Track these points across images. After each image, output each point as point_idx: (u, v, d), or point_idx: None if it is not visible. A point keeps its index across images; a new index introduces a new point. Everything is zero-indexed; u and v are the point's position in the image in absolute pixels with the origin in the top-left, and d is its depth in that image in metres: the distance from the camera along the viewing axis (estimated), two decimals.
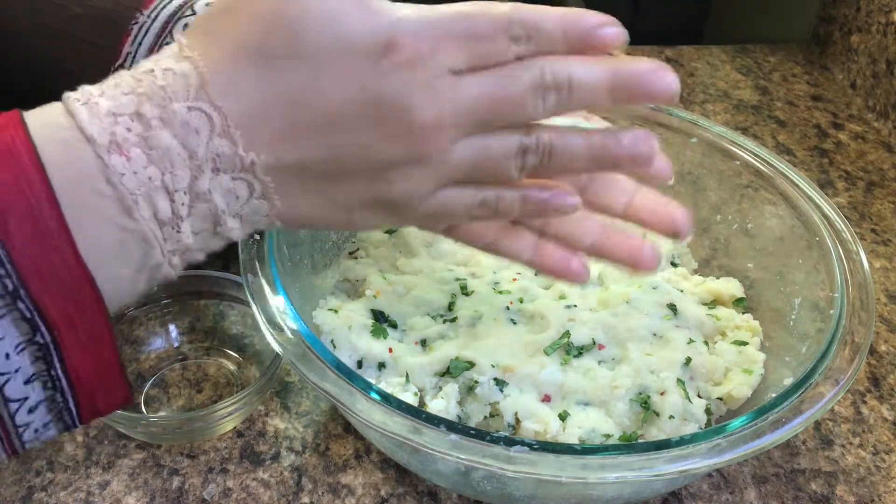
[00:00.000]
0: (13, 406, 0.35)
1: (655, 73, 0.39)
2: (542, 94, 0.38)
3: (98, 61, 0.54)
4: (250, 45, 0.36)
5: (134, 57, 0.53)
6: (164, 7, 0.54)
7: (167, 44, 0.53)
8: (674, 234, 0.46)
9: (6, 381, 0.35)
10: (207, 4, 0.52)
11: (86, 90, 0.36)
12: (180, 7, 0.54)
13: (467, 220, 0.43)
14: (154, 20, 0.53)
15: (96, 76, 0.52)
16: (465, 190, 0.41)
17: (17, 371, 0.35)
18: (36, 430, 0.37)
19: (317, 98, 0.36)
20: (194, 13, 0.54)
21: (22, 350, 0.34)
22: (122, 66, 0.53)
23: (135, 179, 0.35)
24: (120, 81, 0.36)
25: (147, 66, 0.36)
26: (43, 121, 0.35)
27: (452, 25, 0.37)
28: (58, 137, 0.35)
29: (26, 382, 0.35)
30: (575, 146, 0.40)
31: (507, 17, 0.37)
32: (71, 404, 0.37)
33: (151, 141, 0.35)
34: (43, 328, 0.34)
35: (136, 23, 0.53)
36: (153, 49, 0.53)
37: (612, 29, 0.39)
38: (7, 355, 0.34)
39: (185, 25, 0.53)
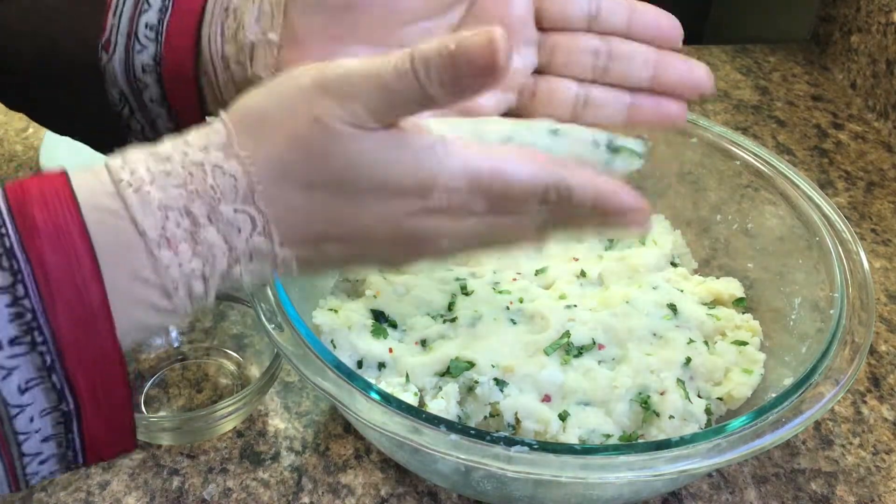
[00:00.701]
0: (26, 459, 0.37)
1: (631, 212, 0.41)
2: (542, 234, 0.41)
3: (77, 32, 0.53)
4: (297, 169, 0.37)
5: (118, 29, 0.53)
6: None
7: (145, 11, 0.52)
8: (702, 94, 0.49)
9: (26, 440, 0.37)
10: None
11: (134, 169, 0.37)
12: None
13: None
14: None
15: (76, 48, 0.52)
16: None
17: (37, 432, 0.37)
18: (43, 476, 0.39)
19: (353, 223, 0.39)
20: None
21: (46, 415, 0.36)
22: (108, 42, 0.53)
23: (179, 271, 0.37)
24: (170, 170, 0.37)
25: (196, 156, 0.37)
26: (94, 202, 0.36)
27: (491, 185, 0.38)
28: (110, 225, 0.36)
29: (43, 441, 0.37)
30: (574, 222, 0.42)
31: (544, 187, 0.39)
32: (80, 458, 0.39)
33: (198, 237, 0.37)
34: (69, 398, 0.36)
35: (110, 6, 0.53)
36: (133, 18, 0.52)
37: (638, 217, 0.40)
38: (32, 419, 0.36)
39: None
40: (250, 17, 0.48)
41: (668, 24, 0.47)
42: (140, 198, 0.36)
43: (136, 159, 0.37)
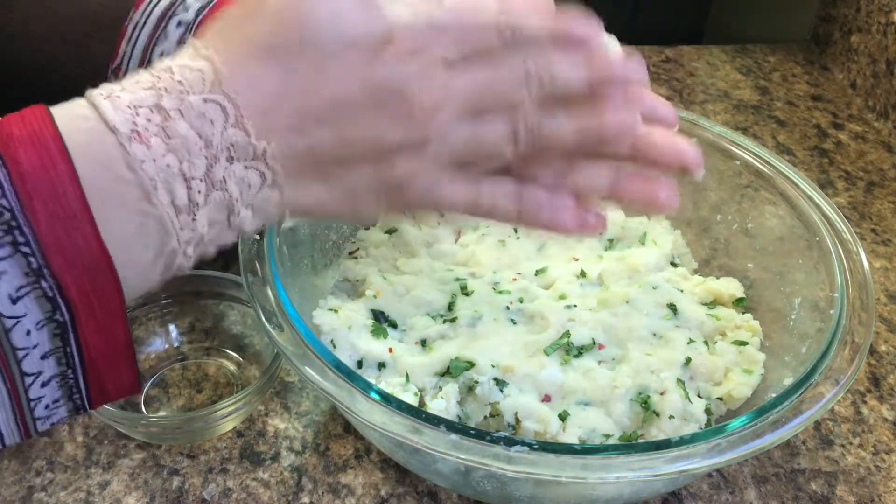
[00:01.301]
0: (28, 380, 0.37)
1: (627, 67, 0.43)
2: (527, 83, 0.41)
3: (93, 61, 0.54)
4: (261, 42, 0.38)
5: (130, 57, 0.53)
6: (157, 5, 0.55)
7: (161, 41, 0.53)
8: (683, 170, 0.47)
9: (25, 356, 0.36)
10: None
11: (107, 86, 0.38)
12: (171, 4, 0.55)
13: (463, 210, 0.45)
14: (147, 18, 0.54)
15: (92, 76, 0.52)
16: (464, 186, 0.43)
17: (35, 347, 0.36)
18: (47, 406, 0.38)
19: (323, 88, 0.39)
20: (186, 9, 0.56)
21: (42, 327, 0.36)
22: (119, 67, 0.53)
23: (154, 166, 0.37)
24: (140, 78, 0.38)
25: (165, 64, 0.39)
26: (68, 112, 0.37)
27: (445, 21, 0.40)
28: (82, 127, 0.37)
29: (42, 357, 0.37)
30: (562, 127, 0.43)
31: (494, 17, 0.41)
32: (81, 382, 0.38)
33: (170, 130, 0.37)
34: (63, 307, 0.36)
35: (130, 21, 0.53)
36: (148, 48, 0.53)
37: (591, 35, 0.42)
38: (28, 332, 0.36)
39: (179, 23, 0.55)
40: None
41: (665, 111, 0.47)
42: (111, 102, 0.37)
43: (111, 84, 0.38)
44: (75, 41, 0.55)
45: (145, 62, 0.53)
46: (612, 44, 0.44)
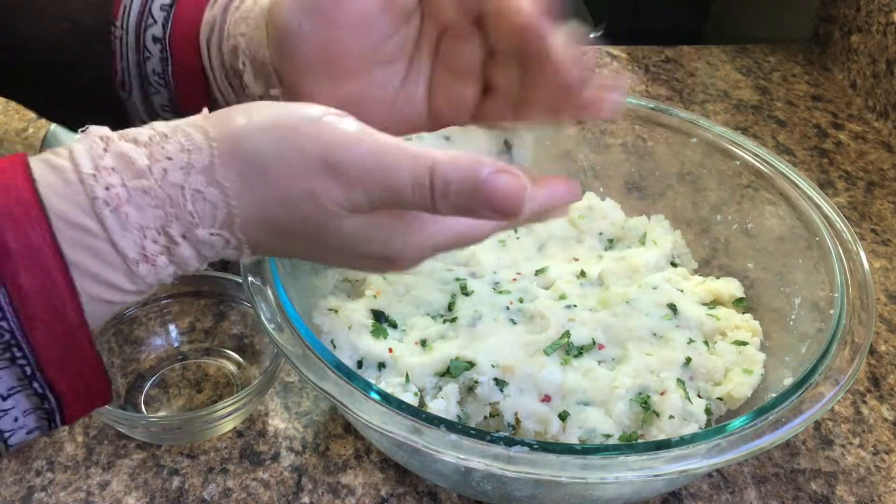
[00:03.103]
0: (6, 435, 0.39)
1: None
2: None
3: (96, 71, 0.54)
4: (278, 224, 0.39)
5: (128, 72, 0.53)
6: (130, 14, 0.53)
7: (148, 60, 0.53)
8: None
9: (10, 436, 0.39)
10: (161, 8, 0.52)
11: (110, 184, 0.36)
12: (140, 14, 0.53)
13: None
14: (127, 32, 0.53)
15: (100, 87, 0.52)
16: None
17: (19, 426, 0.38)
18: (29, 433, 0.40)
19: (318, 260, 0.44)
20: (154, 21, 0.53)
21: (29, 414, 0.38)
22: (123, 84, 0.53)
23: (155, 279, 0.39)
24: (147, 187, 0.37)
25: (175, 177, 0.37)
26: (67, 218, 0.36)
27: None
28: (87, 244, 0.36)
29: (24, 414, 0.38)
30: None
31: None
32: (57, 421, 0.40)
33: (174, 253, 0.38)
34: (52, 399, 0.38)
35: (115, 37, 0.53)
36: (139, 64, 0.53)
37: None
38: (16, 419, 0.38)
39: (154, 38, 0.53)
40: (248, 77, 0.50)
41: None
42: (117, 219, 0.36)
43: (109, 167, 0.36)
44: (77, 53, 0.55)
45: (143, 76, 0.53)
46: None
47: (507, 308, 0.57)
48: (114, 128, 0.38)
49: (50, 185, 0.36)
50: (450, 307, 0.58)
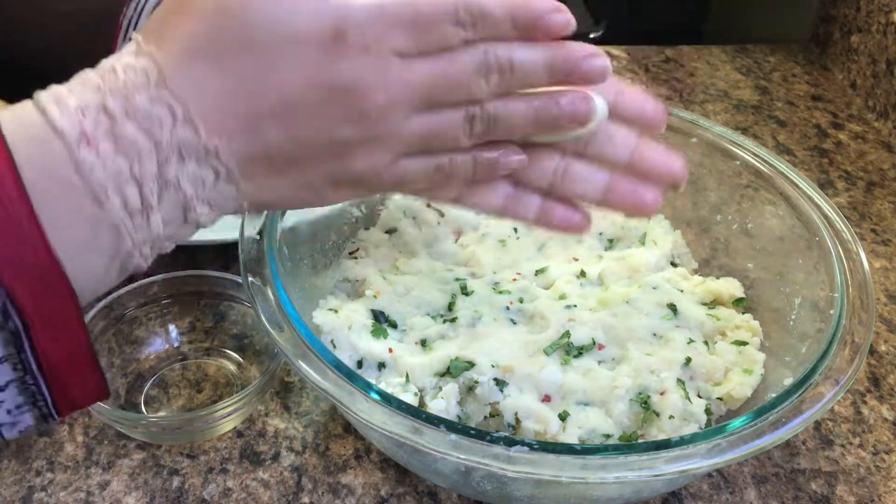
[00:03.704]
0: None
1: (589, 57, 0.41)
2: (486, 74, 0.40)
3: (97, 57, 0.54)
4: (203, 42, 0.37)
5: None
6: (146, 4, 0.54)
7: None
8: (673, 185, 0.48)
9: None
10: None
11: (54, 89, 0.37)
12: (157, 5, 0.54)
13: (426, 185, 0.44)
14: (140, 14, 0.53)
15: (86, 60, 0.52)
16: (420, 159, 0.43)
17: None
18: (9, 412, 0.38)
19: (272, 88, 0.37)
20: None
21: (4, 362, 0.36)
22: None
23: (104, 171, 0.36)
24: (85, 79, 0.37)
25: (109, 63, 0.38)
26: (14, 118, 0.36)
27: (399, 12, 0.38)
28: (29, 134, 0.36)
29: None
30: (517, 111, 0.42)
31: (453, 3, 0.39)
32: (44, 389, 0.38)
33: (118, 133, 0.36)
34: (14, 315, 0.36)
35: (125, 17, 0.53)
36: None
37: (558, 16, 0.41)
38: None
39: None
40: None
41: (652, 108, 0.47)
42: (57, 106, 0.36)
43: (58, 86, 0.37)
44: (79, 37, 0.55)
45: None
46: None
47: (507, 308, 0.57)
48: None
49: (6, 110, 0.37)
50: (450, 307, 0.58)
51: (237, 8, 0.37)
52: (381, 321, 0.57)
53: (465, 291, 0.59)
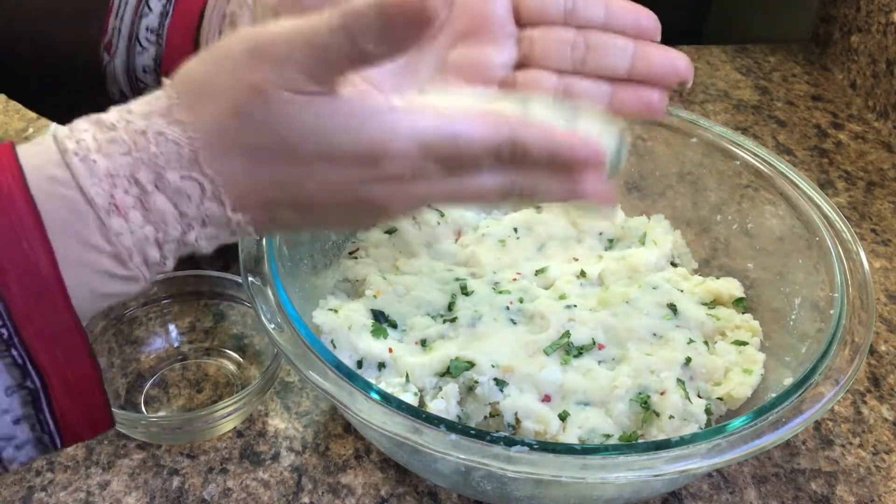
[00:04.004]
0: (1, 444, 0.37)
1: (601, 195, 0.41)
2: (505, 198, 0.40)
3: (88, 38, 0.54)
4: (238, 137, 0.37)
5: (119, 32, 0.53)
6: None
7: (145, 15, 0.52)
8: (681, 82, 0.48)
9: None
10: None
11: (80, 139, 0.37)
12: None
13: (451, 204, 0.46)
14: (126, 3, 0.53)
15: (88, 54, 0.51)
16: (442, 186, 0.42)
17: (6, 412, 0.37)
18: (20, 462, 0.39)
19: (301, 190, 0.38)
20: None
21: (13, 393, 0.36)
22: (110, 43, 0.53)
23: (132, 238, 0.37)
24: (115, 137, 0.37)
25: (138, 124, 0.37)
26: (40, 171, 0.36)
27: (440, 149, 0.37)
28: (57, 194, 0.36)
29: (15, 423, 0.37)
30: (548, 188, 0.41)
31: (496, 145, 0.38)
32: (57, 442, 0.39)
33: (147, 204, 0.37)
34: (34, 374, 0.36)
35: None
36: (134, 22, 0.53)
37: (594, 174, 0.40)
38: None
39: None
40: (244, 24, 0.49)
41: (646, 17, 0.47)
42: (87, 166, 0.36)
43: (82, 128, 0.37)
44: (70, 19, 0.55)
45: (133, 36, 0.53)
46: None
47: (507, 308, 0.57)
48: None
49: (29, 148, 0.37)
50: (450, 307, 0.58)
51: (281, 113, 0.36)
52: (381, 321, 0.57)
53: (465, 291, 0.59)
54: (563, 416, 0.51)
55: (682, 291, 0.60)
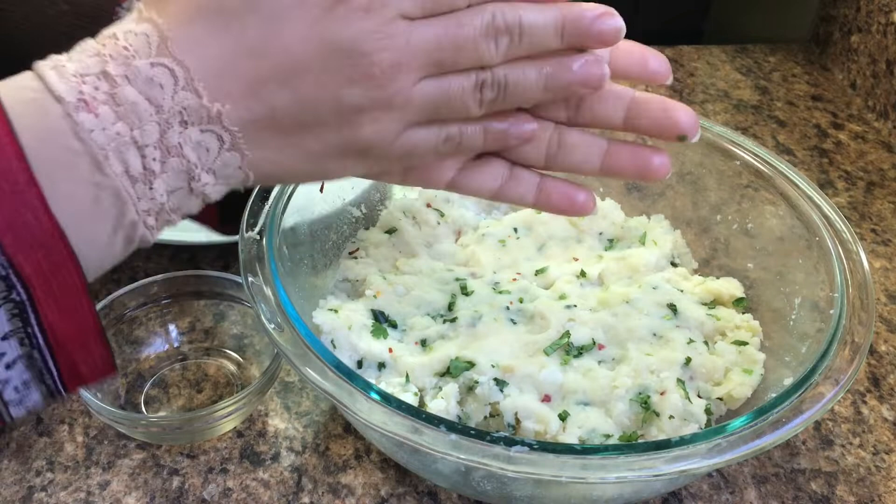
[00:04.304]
0: None
1: (601, 17, 0.40)
2: (494, 37, 0.40)
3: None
4: (204, 3, 0.37)
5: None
6: None
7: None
8: (681, 137, 0.44)
9: None
10: None
11: (54, 57, 0.37)
12: None
13: (435, 157, 0.44)
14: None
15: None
16: (429, 128, 0.42)
17: None
18: (17, 389, 0.37)
19: (276, 49, 0.37)
20: None
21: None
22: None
23: (104, 135, 0.35)
24: (85, 47, 0.37)
25: (110, 31, 0.37)
26: (13, 84, 0.36)
27: None
28: (27, 98, 0.35)
29: (3, 339, 0.36)
30: (528, 77, 0.41)
31: None
32: (50, 364, 0.37)
33: (118, 97, 0.36)
34: (18, 285, 0.35)
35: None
36: None
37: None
38: None
39: None
40: None
41: (656, 60, 0.44)
42: (56, 72, 0.36)
43: (60, 58, 0.37)
44: (72, 36, 0.55)
45: None
46: None
47: (507, 308, 0.57)
48: None
49: (5, 80, 0.36)
50: (450, 307, 0.58)
51: None
52: (382, 321, 0.57)
53: (465, 291, 0.59)
54: (563, 416, 0.51)
55: (682, 291, 0.60)
